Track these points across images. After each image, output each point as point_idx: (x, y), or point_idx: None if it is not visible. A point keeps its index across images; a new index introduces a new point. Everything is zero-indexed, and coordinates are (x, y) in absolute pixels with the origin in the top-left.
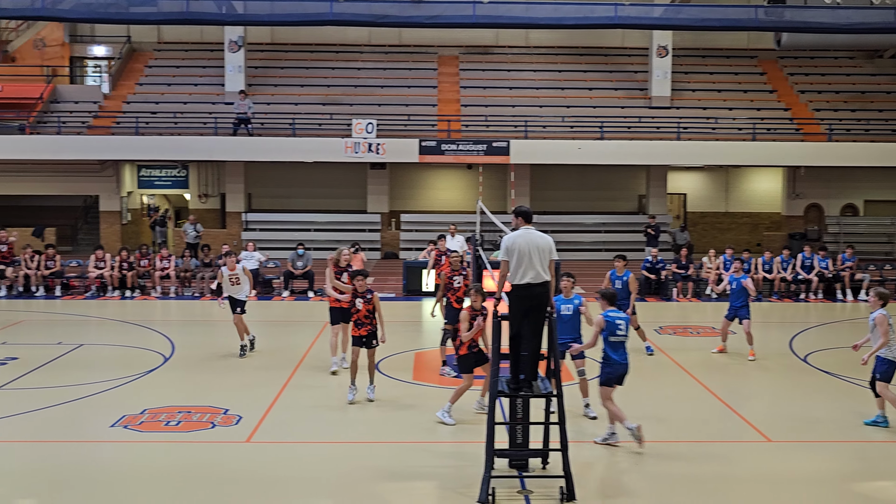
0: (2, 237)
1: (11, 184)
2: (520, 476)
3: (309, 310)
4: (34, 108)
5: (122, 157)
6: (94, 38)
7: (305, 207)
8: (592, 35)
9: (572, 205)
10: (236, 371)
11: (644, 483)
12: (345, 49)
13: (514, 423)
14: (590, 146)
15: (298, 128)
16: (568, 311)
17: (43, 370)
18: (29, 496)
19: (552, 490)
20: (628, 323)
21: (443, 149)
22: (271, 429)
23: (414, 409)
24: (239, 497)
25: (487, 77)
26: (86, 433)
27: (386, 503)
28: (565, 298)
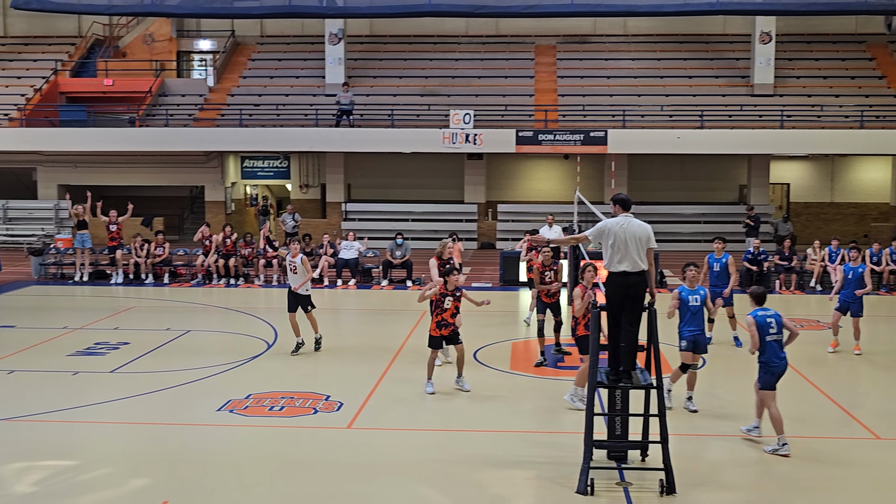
0: (111, 217)
1: (122, 175)
2: (618, 467)
3: (407, 299)
4: (143, 102)
5: (226, 149)
6: (200, 33)
7: (403, 197)
8: (693, 22)
9: (671, 195)
10: (337, 358)
11: (745, 478)
12: (442, 40)
13: (612, 415)
14: (689, 135)
15: (397, 119)
16: (696, 303)
17: (152, 355)
18: (141, 476)
19: (651, 482)
20: (780, 320)
21: (540, 139)
22: (371, 416)
23: (511, 398)
24: (341, 482)
25: (585, 66)
26: (193, 416)
27: (485, 491)
28: (690, 289)
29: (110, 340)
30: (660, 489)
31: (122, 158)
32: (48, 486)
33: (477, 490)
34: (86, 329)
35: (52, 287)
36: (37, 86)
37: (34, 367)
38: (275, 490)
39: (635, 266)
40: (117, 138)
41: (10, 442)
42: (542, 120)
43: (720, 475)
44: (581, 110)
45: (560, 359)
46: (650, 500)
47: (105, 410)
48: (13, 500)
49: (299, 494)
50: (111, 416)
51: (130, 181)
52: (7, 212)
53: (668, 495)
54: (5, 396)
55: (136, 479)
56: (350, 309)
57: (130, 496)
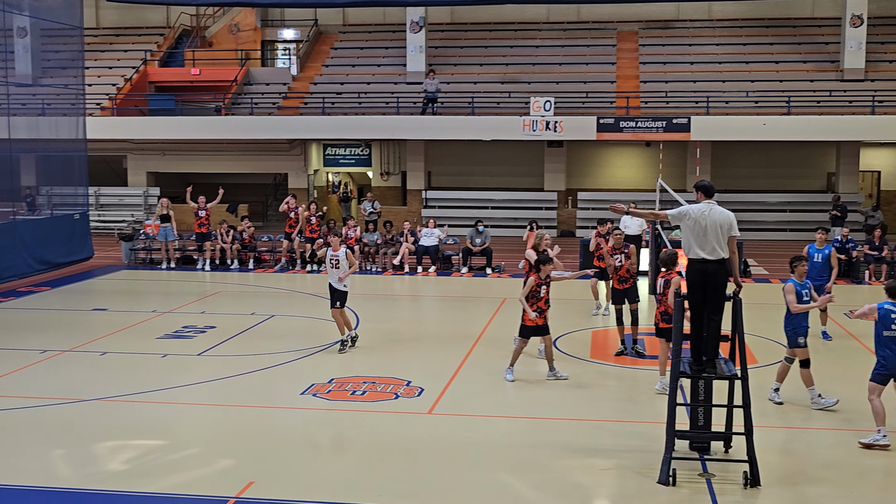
0: (200, 202)
1: (208, 162)
2: (701, 458)
3: (486, 286)
4: (229, 91)
5: (309, 137)
6: (284, 22)
7: (483, 185)
8: (779, 5)
9: (755, 183)
10: (417, 344)
11: (836, 473)
12: (523, 27)
13: (695, 405)
14: (775, 122)
15: (477, 106)
16: (808, 297)
17: (238, 339)
18: (227, 456)
19: (735, 475)
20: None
21: (621, 126)
22: (452, 402)
23: (591, 387)
24: (422, 467)
25: (668, 52)
26: (278, 399)
27: (565, 479)
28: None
29: (197, 324)
30: (744, 481)
31: (208, 146)
32: (139, 465)
33: (557, 478)
34: (174, 313)
35: (141, 271)
36: (127, 76)
37: (125, 350)
38: (357, 473)
39: (715, 254)
40: (204, 127)
41: (103, 421)
42: (623, 107)
43: (808, 469)
44: (664, 97)
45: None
46: (733, 492)
47: (193, 392)
48: (107, 477)
49: (381, 478)
50: (198, 398)
51: (216, 169)
52: (99, 198)
53: (752, 488)
54: (98, 377)
55: (222, 460)
56: (430, 296)
57: (217, 476)
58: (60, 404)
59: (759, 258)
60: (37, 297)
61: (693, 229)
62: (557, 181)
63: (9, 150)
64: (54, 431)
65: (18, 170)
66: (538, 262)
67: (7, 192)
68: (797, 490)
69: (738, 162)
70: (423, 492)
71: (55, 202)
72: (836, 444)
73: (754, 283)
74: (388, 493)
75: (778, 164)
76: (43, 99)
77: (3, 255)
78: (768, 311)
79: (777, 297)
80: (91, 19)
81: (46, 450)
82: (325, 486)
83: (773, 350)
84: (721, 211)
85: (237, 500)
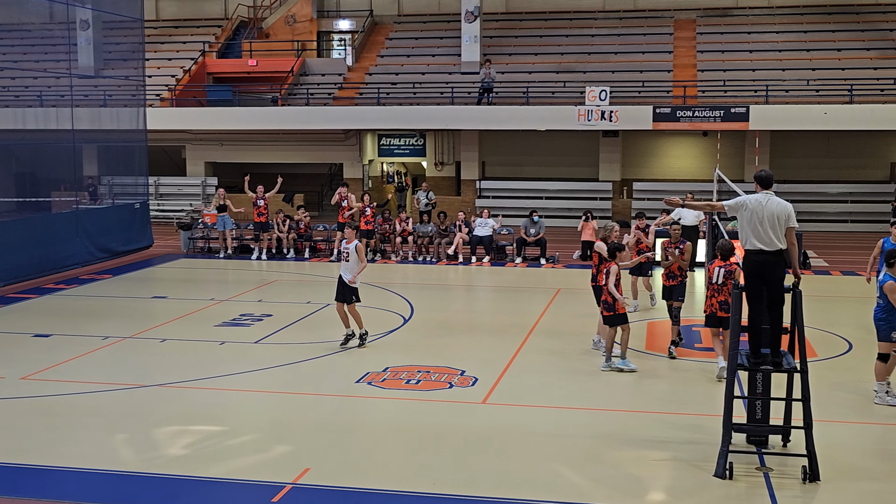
0: (259, 192)
1: (264, 152)
2: (758, 452)
3: (541, 276)
4: (285, 81)
5: (364, 127)
6: (339, 13)
7: (537, 175)
8: None
9: (815, 173)
10: (471, 334)
11: (893, 467)
12: (579, 16)
13: (753, 398)
14: (837, 111)
15: (532, 96)
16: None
17: (294, 327)
18: (283, 443)
19: (793, 469)
20: None
21: (678, 115)
22: (506, 392)
23: (646, 378)
24: (476, 456)
25: (726, 40)
26: (333, 387)
27: (621, 471)
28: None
29: (254, 312)
30: (802, 476)
31: (264, 137)
32: (198, 450)
33: (612, 469)
34: (231, 301)
35: (199, 260)
36: (186, 67)
37: (184, 337)
38: (412, 461)
39: (771, 245)
40: (261, 117)
41: (163, 407)
42: (680, 96)
43: (869, 464)
44: (721, 86)
45: (697, 339)
46: (792, 486)
47: (250, 379)
48: (167, 461)
49: (435, 467)
50: (256, 385)
51: (272, 159)
52: (158, 188)
53: (811, 483)
54: (158, 364)
55: (279, 446)
56: (484, 286)
57: (274, 462)
58: (121, 390)
59: (819, 250)
60: (98, 284)
61: (750, 220)
62: (612, 171)
63: (72, 141)
64: (116, 416)
65: (81, 160)
66: (614, 249)
67: (70, 181)
68: (857, 486)
69: (798, 152)
70: (477, 481)
71: (116, 191)
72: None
73: (814, 276)
74: (442, 482)
75: (839, 153)
76: (104, 90)
77: (66, 244)
78: (828, 303)
79: (838, 289)
80: (151, 11)
81: (108, 434)
82: (379, 474)
83: (833, 343)
84: (779, 202)
85: (294, 485)
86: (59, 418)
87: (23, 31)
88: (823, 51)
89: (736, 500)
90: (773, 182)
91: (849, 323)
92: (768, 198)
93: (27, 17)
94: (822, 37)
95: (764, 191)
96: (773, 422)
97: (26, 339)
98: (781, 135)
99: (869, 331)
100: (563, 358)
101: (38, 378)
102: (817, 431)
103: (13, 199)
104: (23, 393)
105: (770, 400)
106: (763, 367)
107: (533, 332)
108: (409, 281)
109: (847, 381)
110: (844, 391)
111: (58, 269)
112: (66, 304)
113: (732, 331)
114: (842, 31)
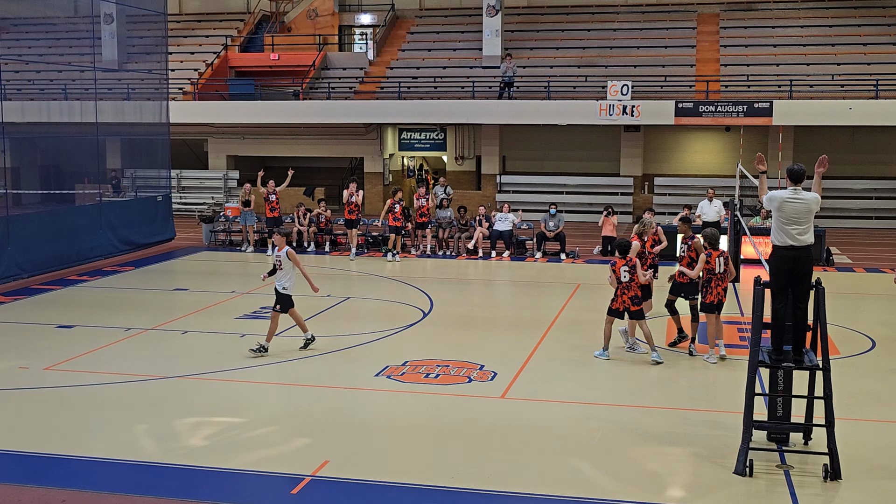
0: (270, 187)
1: (286, 146)
2: (779, 450)
3: (561, 271)
4: (307, 75)
5: (385, 121)
6: (361, 7)
7: (558, 170)
8: None
9: (840, 169)
10: (491, 328)
11: None
12: (601, 10)
13: (774, 395)
14: (862, 106)
15: (553, 90)
16: None
17: (314, 320)
18: (303, 435)
19: (814, 467)
20: None
21: (700, 110)
22: (525, 386)
23: (666, 374)
24: (495, 451)
25: (749, 35)
26: (352, 381)
27: (640, 467)
28: None
29: None
30: (823, 474)
31: (286, 130)
32: (218, 441)
33: (631, 465)
34: (252, 294)
35: (220, 253)
36: (208, 60)
37: (205, 329)
38: (430, 455)
39: (802, 240)
40: (282, 111)
41: (184, 398)
42: (703, 91)
43: (892, 463)
44: (745, 80)
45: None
46: (813, 484)
47: (270, 371)
48: (187, 452)
49: (454, 460)
50: (275, 377)
51: (294, 152)
52: (181, 181)
53: (832, 481)
54: (179, 355)
55: (298, 438)
56: (504, 280)
57: (293, 454)
58: (143, 381)
59: (843, 246)
60: (121, 276)
61: (781, 216)
62: (634, 166)
63: (95, 134)
64: (138, 407)
65: (104, 153)
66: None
67: (94, 174)
68: (880, 484)
69: (822, 147)
70: (496, 475)
71: (139, 184)
72: None
73: (837, 272)
74: (460, 476)
75: (864, 149)
76: (128, 84)
77: (89, 236)
78: (852, 300)
79: (861, 285)
80: (174, 6)
81: (130, 424)
82: (398, 467)
83: (856, 340)
84: (807, 196)
85: (313, 477)
86: (81, 409)
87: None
88: (848, 45)
89: (756, 497)
90: (805, 177)
91: (872, 320)
92: (797, 193)
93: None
94: (847, 31)
95: (793, 186)
96: (795, 419)
97: (50, 330)
98: (805, 130)
99: (892, 328)
100: (582, 353)
101: (60, 369)
102: (839, 429)
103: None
104: (46, 383)
105: (791, 397)
106: (785, 364)
107: (553, 326)
108: (428, 275)
109: (870, 378)
110: (867, 389)
111: (81, 261)
112: (88, 296)
113: (754, 327)
114: (867, 25)
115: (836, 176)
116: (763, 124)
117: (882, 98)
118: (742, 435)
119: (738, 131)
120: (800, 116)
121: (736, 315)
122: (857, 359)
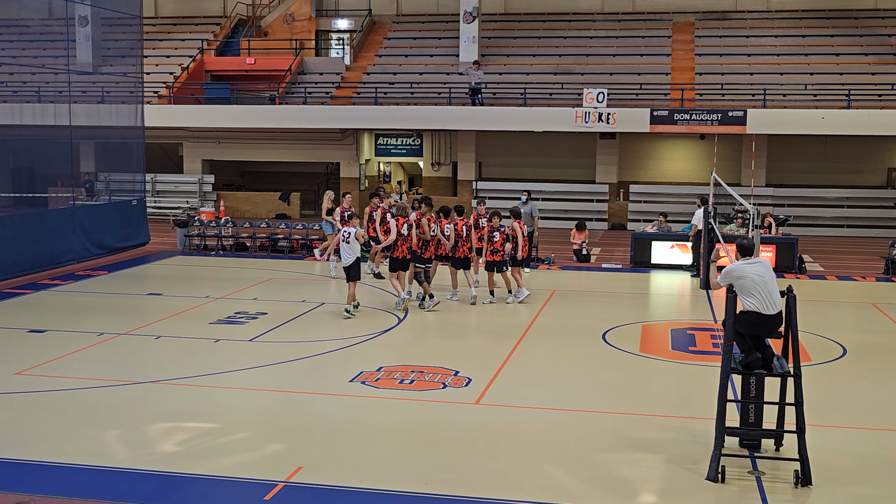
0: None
1: (261, 150)
2: (751, 456)
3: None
4: (283, 80)
5: (361, 126)
6: (338, 12)
7: (534, 177)
8: None
9: (813, 177)
10: (466, 334)
11: (886, 472)
12: (577, 18)
13: (746, 402)
14: (835, 115)
15: (529, 97)
16: None
17: (289, 325)
18: (276, 441)
19: (785, 473)
20: None
21: (675, 118)
22: (500, 393)
23: (640, 381)
24: (468, 457)
25: (724, 44)
26: (327, 386)
27: (612, 473)
28: None
29: (249, 310)
30: (794, 480)
31: (262, 135)
32: (190, 447)
33: (604, 472)
34: (226, 299)
35: (195, 257)
36: (184, 64)
37: (179, 334)
38: (404, 461)
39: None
40: (258, 115)
41: (157, 404)
42: (678, 99)
43: (861, 469)
44: (719, 89)
45: (691, 342)
46: (784, 490)
47: (244, 377)
48: (159, 458)
49: (428, 467)
50: (249, 383)
51: (269, 157)
52: (155, 185)
53: (803, 487)
54: (152, 361)
55: (272, 444)
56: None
57: (267, 460)
58: (115, 386)
59: (815, 255)
60: (94, 280)
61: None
62: (609, 173)
63: (69, 137)
64: (109, 412)
65: (78, 156)
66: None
67: (67, 177)
68: (849, 490)
69: (795, 156)
70: (470, 481)
71: (113, 188)
72: (891, 444)
73: (809, 280)
74: (434, 482)
75: (836, 158)
76: (102, 87)
77: (62, 240)
78: (823, 308)
79: (833, 293)
80: (150, 8)
81: (101, 430)
82: (372, 473)
83: (827, 347)
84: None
85: (286, 483)
86: (53, 414)
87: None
88: (821, 55)
89: (728, 503)
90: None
91: (843, 328)
92: (759, 263)
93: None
94: (820, 41)
95: (744, 258)
96: (766, 426)
97: (21, 335)
98: (779, 139)
99: (863, 335)
100: (557, 359)
101: (32, 374)
102: (810, 436)
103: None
104: (17, 388)
105: (763, 404)
106: (757, 371)
107: (527, 333)
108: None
109: (841, 385)
110: (838, 396)
111: (53, 265)
112: (61, 301)
113: (726, 334)
114: (840, 35)
115: (809, 185)
116: (737, 132)
117: (854, 108)
118: (714, 441)
119: (713, 139)
120: (773, 125)
121: (709, 322)
122: (829, 366)
